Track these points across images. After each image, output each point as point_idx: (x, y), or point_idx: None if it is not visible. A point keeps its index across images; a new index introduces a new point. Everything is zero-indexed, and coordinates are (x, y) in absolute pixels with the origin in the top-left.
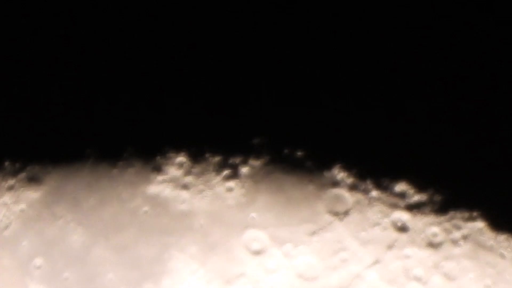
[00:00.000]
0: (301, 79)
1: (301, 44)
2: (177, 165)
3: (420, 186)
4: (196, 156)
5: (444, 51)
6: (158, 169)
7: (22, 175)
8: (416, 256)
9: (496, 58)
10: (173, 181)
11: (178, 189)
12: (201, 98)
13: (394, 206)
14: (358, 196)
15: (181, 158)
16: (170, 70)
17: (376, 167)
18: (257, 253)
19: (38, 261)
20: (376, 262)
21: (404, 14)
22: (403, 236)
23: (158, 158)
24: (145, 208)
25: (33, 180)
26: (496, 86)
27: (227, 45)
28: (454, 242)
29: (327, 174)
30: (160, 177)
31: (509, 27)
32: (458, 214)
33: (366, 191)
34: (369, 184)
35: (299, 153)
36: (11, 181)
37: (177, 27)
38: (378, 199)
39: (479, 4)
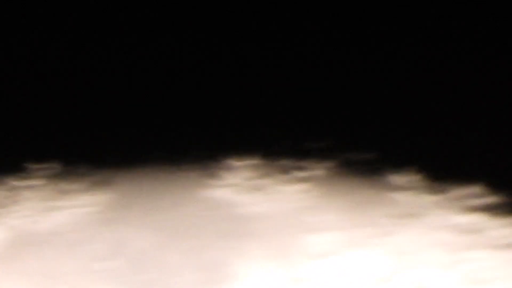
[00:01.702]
0: (369, 82)
1: (362, 48)
2: (242, 169)
3: (494, 189)
4: (262, 160)
5: None
6: (223, 174)
7: (93, 178)
8: (488, 258)
9: None
10: (238, 185)
11: (242, 194)
12: (268, 102)
13: (465, 208)
14: (431, 198)
15: (246, 162)
16: (232, 76)
17: (449, 170)
18: (321, 256)
19: (105, 264)
20: (447, 264)
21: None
22: (475, 238)
23: (223, 162)
24: (211, 213)
25: (103, 183)
26: None
27: (293, 49)
28: None
29: (396, 177)
30: (224, 182)
31: None
32: None
33: (437, 193)
34: (440, 186)
35: (366, 156)
36: (81, 185)
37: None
38: (448, 201)
39: None
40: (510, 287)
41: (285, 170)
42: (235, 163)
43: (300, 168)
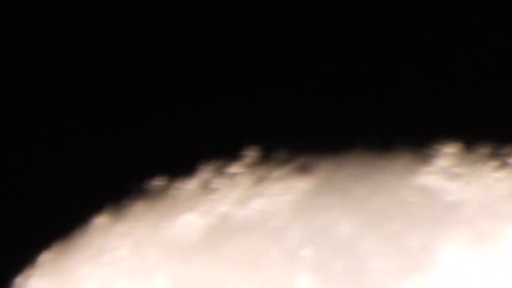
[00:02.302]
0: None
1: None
2: (446, 156)
3: None
4: (465, 147)
5: None
6: (427, 160)
7: (292, 165)
8: None
9: None
10: (442, 172)
11: (446, 180)
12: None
13: None
14: None
15: (450, 149)
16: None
17: None
18: None
19: (307, 251)
20: None
21: None
22: None
23: (427, 149)
24: (413, 199)
25: (303, 170)
26: None
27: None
28: None
29: None
30: (428, 168)
31: None
32: None
33: None
34: None
35: None
36: (280, 172)
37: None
38: None
39: None
40: None
41: (490, 157)
42: (438, 150)
43: (505, 155)
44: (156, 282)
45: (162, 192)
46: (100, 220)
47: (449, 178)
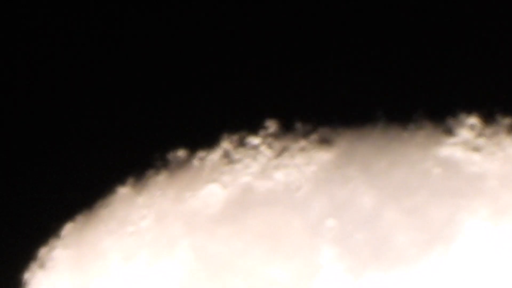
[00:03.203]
0: None
1: None
2: (468, 127)
3: None
4: (488, 118)
5: None
6: (449, 132)
7: (314, 137)
8: None
9: None
10: (465, 143)
11: (469, 152)
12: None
13: None
14: None
15: (472, 120)
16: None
17: None
18: None
19: (330, 222)
20: None
21: None
22: None
23: (449, 120)
24: (436, 171)
25: (324, 142)
26: None
27: None
28: None
29: None
30: (451, 140)
31: None
32: None
33: None
34: None
35: None
36: (302, 143)
37: None
38: None
39: None
40: None
41: (511, 129)
42: (461, 121)
43: None
44: (178, 254)
45: (184, 163)
46: (123, 192)
47: (472, 150)
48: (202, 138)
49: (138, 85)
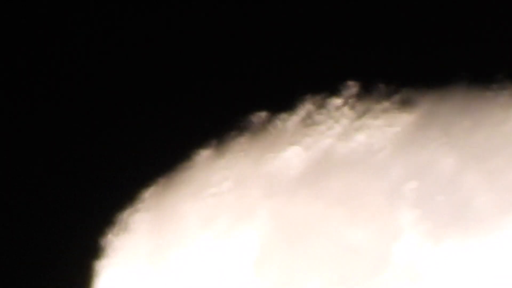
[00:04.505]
0: None
1: None
2: None
3: None
4: None
5: None
6: None
7: (396, 97)
8: None
9: None
10: None
11: None
12: None
13: None
14: None
15: None
16: None
17: None
18: None
19: (411, 184)
20: None
21: None
22: None
23: None
24: None
25: (406, 103)
26: None
27: None
28: None
29: None
30: None
31: None
32: None
33: None
34: None
35: None
36: (385, 104)
37: None
38: None
39: None
40: None
41: None
42: None
43: None
44: (257, 217)
45: (264, 126)
46: (203, 155)
47: None
48: (283, 100)
49: (218, 52)
